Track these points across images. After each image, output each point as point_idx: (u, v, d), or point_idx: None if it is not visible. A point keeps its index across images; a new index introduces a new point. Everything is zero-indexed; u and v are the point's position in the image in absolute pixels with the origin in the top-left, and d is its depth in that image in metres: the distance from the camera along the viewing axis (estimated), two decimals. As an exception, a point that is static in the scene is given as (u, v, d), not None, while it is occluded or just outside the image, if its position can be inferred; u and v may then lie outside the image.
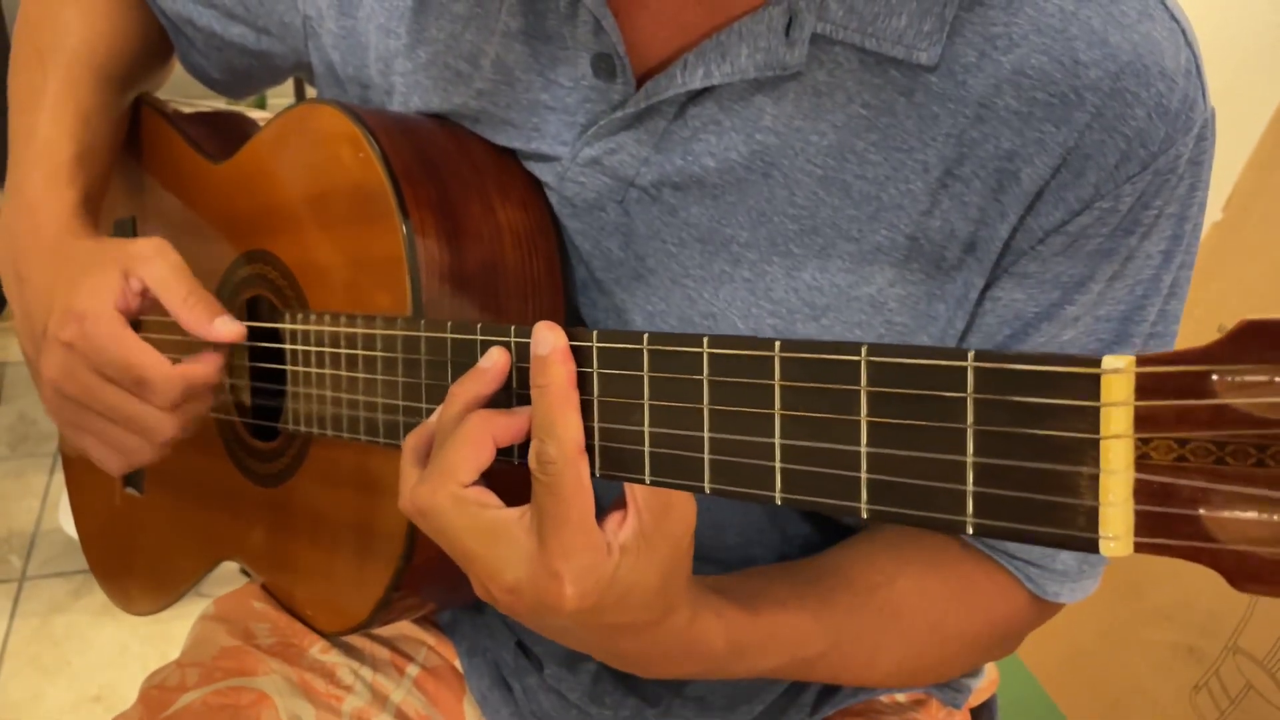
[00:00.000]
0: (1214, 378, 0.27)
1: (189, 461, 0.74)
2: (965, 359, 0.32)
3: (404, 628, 0.74)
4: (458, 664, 0.74)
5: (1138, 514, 0.29)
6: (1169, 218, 0.55)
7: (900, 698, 0.75)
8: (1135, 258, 0.55)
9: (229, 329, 0.62)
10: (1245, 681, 1.27)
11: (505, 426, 0.46)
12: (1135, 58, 0.51)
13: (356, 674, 0.70)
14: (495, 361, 0.47)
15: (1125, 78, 0.51)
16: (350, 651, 0.71)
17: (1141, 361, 0.28)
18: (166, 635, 1.62)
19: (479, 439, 0.46)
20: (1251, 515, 0.26)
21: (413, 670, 0.73)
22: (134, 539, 0.83)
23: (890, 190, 0.54)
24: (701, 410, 0.40)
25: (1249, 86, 1.29)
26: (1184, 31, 0.53)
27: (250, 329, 0.69)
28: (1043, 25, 0.51)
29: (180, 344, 0.63)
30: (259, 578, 0.73)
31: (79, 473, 0.90)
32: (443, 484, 0.46)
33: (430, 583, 0.62)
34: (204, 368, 0.62)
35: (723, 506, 0.64)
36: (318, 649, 0.70)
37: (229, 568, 0.77)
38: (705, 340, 0.39)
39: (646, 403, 0.42)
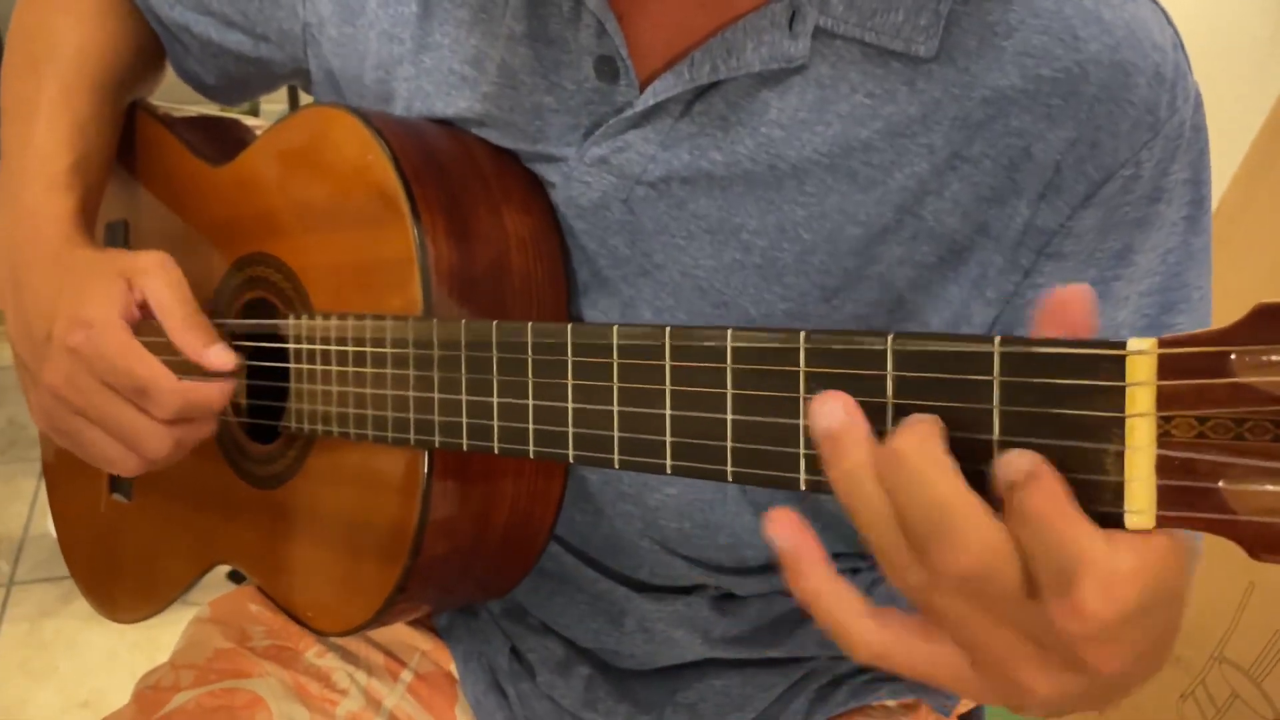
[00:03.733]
0: (1233, 357, 0.28)
1: (182, 465, 0.72)
2: (992, 343, 0.33)
3: (399, 633, 0.74)
4: (452, 669, 0.74)
5: (1160, 488, 0.30)
6: (1185, 183, 0.57)
7: (890, 703, 0.76)
8: (1163, 226, 0.57)
9: (221, 358, 0.62)
10: (1231, 690, 1.28)
11: None
12: (1129, 32, 0.54)
13: (351, 678, 0.70)
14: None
15: (1123, 50, 0.54)
16: (345, 656, 0.71)
17: (1164, 343, 0.30)
18: (155, 641, 1.61)
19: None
20: (1269, 488, 0.28)
21: (406, 676, 0.73)
22: (121, 546, 0.82)
23: (897, 175, 0.56)
24: (724, 397, 0.40)
25: (1237, 99, 1.31)
26: (1164, 11, 0.57)
27: (251, 330, 0.69)
28: (1038, 9, 0.54)
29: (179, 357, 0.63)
30: (254, 580, 0.72)
31: (60, 480, 0.89)
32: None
33: (433, 583, 0.62)
34: (210, 391, 0.62)
35: (715, 508, 0.64)
36: (313, 652, 0.70)
37: (216, 575, 0.77)
38: (729, 332, 0.40)
39: (668, 389, 0.42)
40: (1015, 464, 0.32)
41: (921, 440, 0.34)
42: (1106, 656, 0.33)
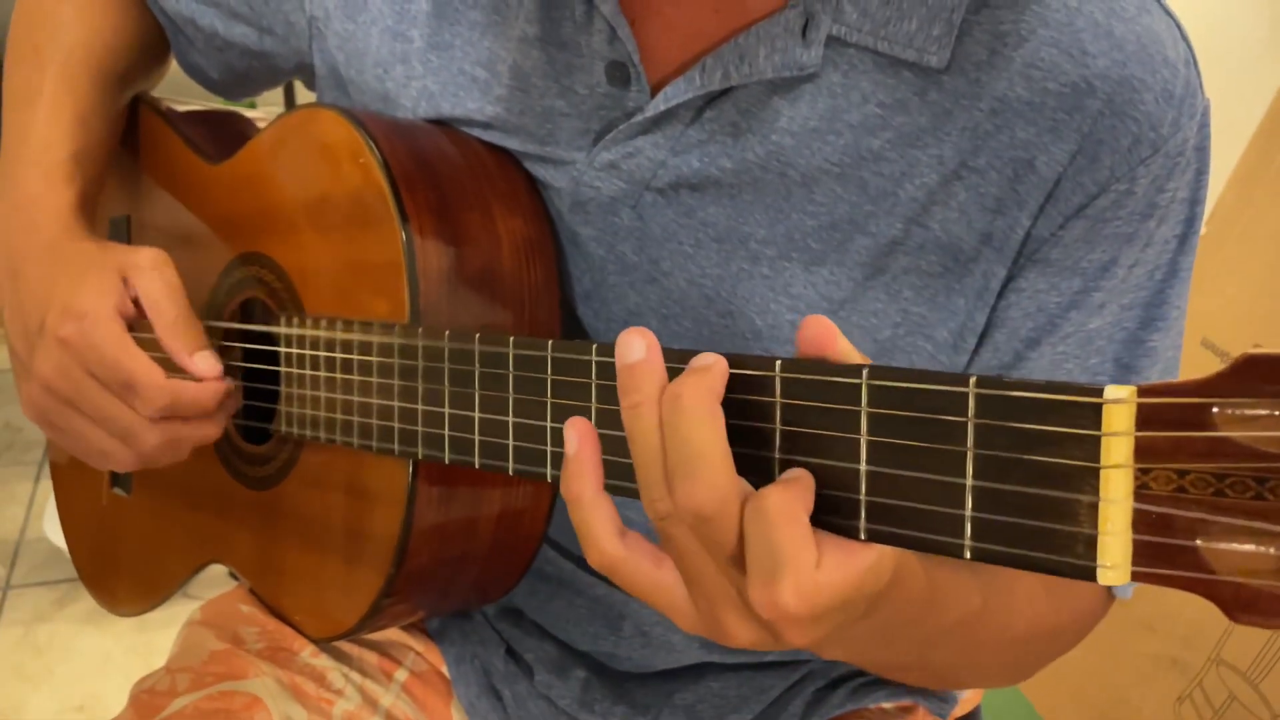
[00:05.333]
0: (1215, 410, 0.27)
1: (179, 462, 0.73)
2: (967, 384, 0.32)
3: (391, 633, 0.74)
4: (444, 670, 0.74)
5: (1136, 543, 0.29)
6: (1181, 202, 0.56)
7: (887, 706, 0.76)
8: (1153, 243, 0.56)
9: (206, 365, 0.62)
10: (1228, 693, 1.27)
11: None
12: (1140, 47, 0.53)
13: (347, 678, 0.70)
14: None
15: (1132, 65, 0.53)
16: (339, 656, 0.71)
17: (1143, 392, 0.29)
18: (150, 645, 1.61)
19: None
20: (1249, 548, 0.27)
21: (400, 675, 0.73)
22: (121, 540, 0.83)
23: (906, 186, 0.55)
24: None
25: (1232, 102, 1.30)
26: (1179, 26, 0.56)
27: (245, 332, 0.69)
28: (1049, 20, 0.53)
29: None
30: (246, 581, 0.73)
31: (66, 475, 0.89)
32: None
33: (420, 590, 0.62)
34: (199, 391, 0.62)
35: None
36: (308, 653, 0.70)
37: (217, 570, 0.77)
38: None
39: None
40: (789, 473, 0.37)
41: (699, 388, 0.38)
42: (793, 635, 0.38)
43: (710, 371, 0.38)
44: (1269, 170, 1.30)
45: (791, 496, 0.36)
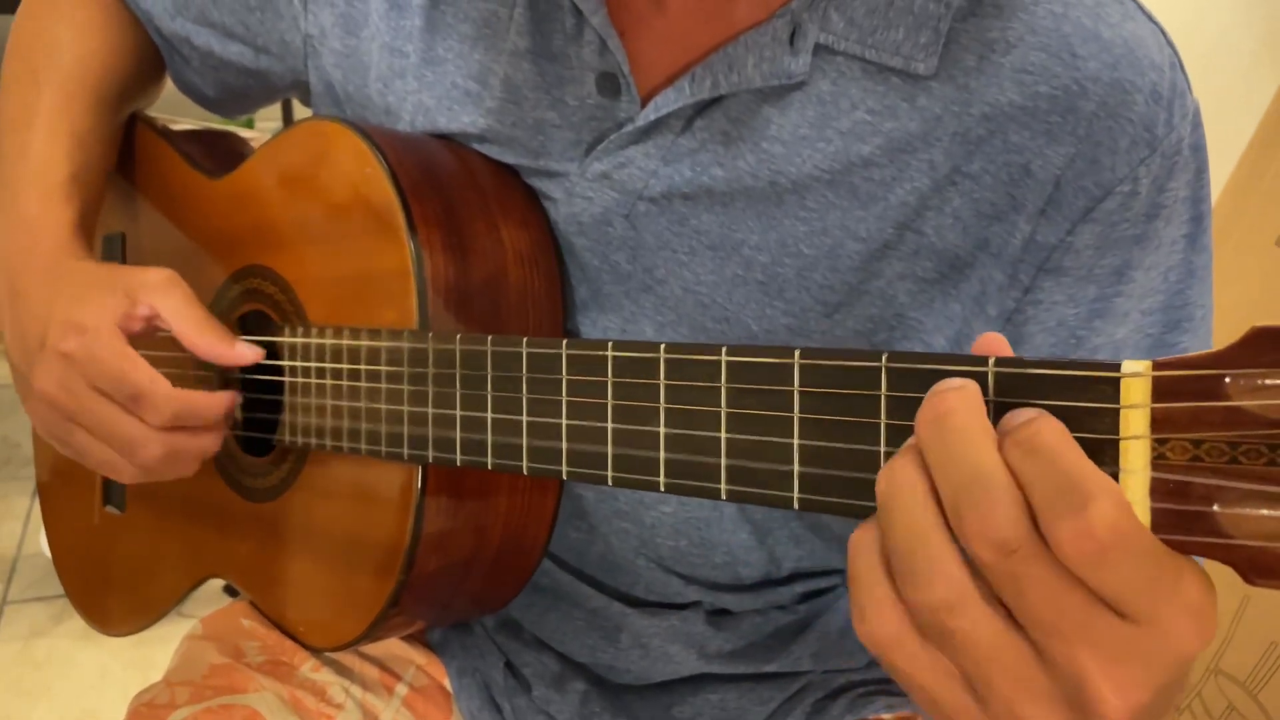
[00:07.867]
0: (1227, 380, 0.28)
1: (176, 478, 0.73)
2: (985, 364, 0.33)
3: (393, 647, 0.74)
4: (446, 683, 0.74)
5: (1154, 511, 0.30)
6: (1183, 201, 0.57)
7: (886, 717, 0.76)
8: (1163, 244, 0.57)
9: (251, 351, 0.63)
10: (1227, 703, 1.28)
11: None
12: (1127, 50, 0.54)
13: (347, 692, 0.70)
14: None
15: (1121, 67, 0.54)
16: (340, 670, 0.71)
17: (1159, 365, 0.30)
18: (148, 660, 1.60)
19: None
20: (1264, 512, 0.28)
21: (401, 689, 0.72)
22: (114, 558, 0.82)
23: (898, 191, 0.56)
24: (719, 415, 0.40)
25: (1225, 115, 1.32)
26: (1163, 32, 0.57)
27: (253, 343, 0.69)
28: (1037, 26, 0.54)
29: (170, 364, 0.63)
30: (247, 594, 0.72)
31: (55, 495, 0.89)
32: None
33: (426, 599, 0.62)
34: (209, 401, 0.62)
35: (711, 525, 0.64)
36: (308, 667, 0.70)
37: (211, 588, 0.77)
38: (724, 349, 0.40)
39: (662, 407, 0.42)
40: (1024, 411, 0.32)
41: (968, 403, 0.32)
42: (1115, 584, 0.30)
43: (970, 387, 0.33)
44: (1262, 181, 1.32)
45: (1055, 422, 0.31)
